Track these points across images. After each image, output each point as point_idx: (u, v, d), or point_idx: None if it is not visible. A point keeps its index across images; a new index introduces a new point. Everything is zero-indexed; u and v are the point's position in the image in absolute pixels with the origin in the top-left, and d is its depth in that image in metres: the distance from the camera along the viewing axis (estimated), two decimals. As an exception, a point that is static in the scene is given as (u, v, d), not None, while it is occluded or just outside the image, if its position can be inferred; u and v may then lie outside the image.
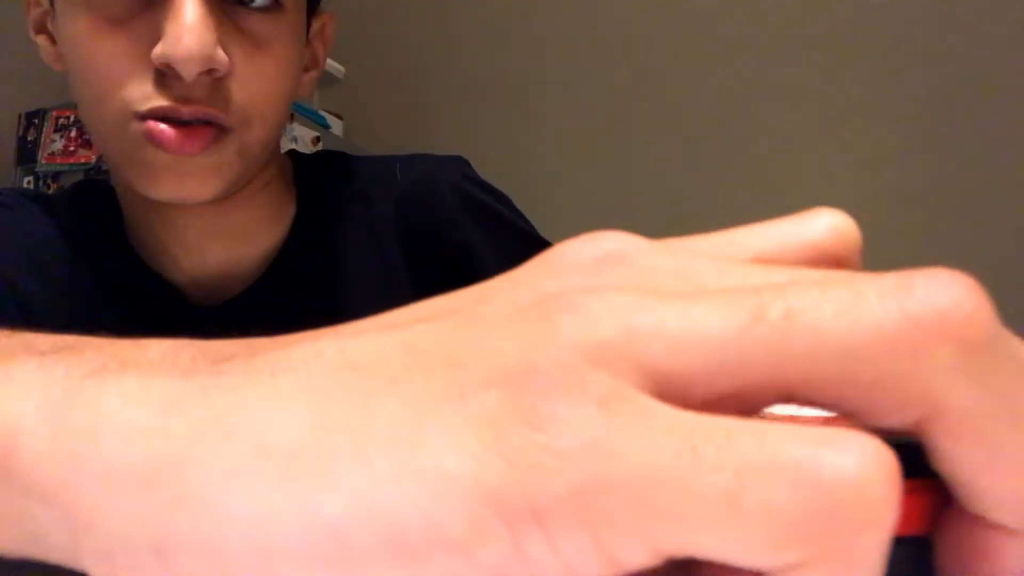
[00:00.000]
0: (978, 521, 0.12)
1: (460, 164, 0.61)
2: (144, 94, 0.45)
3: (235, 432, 0.13)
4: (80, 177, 1.79)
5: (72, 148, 1.88)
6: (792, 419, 0.12)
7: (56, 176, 1.87)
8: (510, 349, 0.12)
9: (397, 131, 2.00)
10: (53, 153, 1.90)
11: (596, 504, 0.11)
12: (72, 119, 1.91)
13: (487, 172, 0.62)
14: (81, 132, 1.89)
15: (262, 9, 0.47)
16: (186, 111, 0.44)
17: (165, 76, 0.44)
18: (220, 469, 0.12)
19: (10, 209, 0.56)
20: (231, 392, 0.13)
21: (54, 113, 1.93)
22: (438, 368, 0.13)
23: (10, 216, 0.55)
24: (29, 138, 1.95)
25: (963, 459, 0.12)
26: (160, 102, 0.44)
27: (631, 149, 1.74)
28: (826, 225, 0.14)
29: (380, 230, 0.57)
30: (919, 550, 0.13)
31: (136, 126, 0.45)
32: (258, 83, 0.47)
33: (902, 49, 1.45)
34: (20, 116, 1.97)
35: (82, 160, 1.85)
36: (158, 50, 0.43)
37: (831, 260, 0.14)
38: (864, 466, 0.10)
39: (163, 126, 0.44)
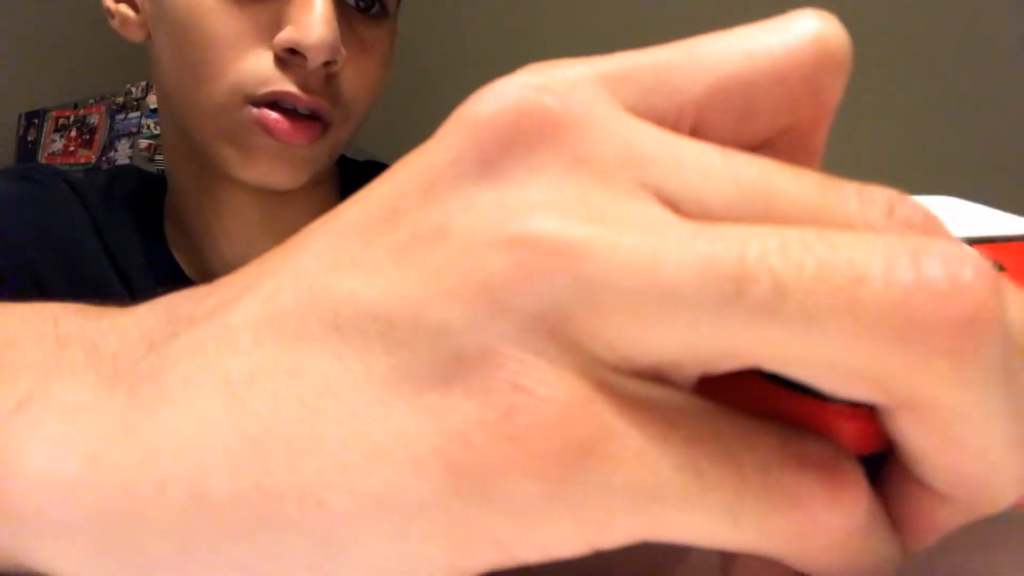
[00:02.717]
0: (915, 480, 0.11)
1: None
2: (262, 77, 0.46)
3: (166, 483, 0.12)
4: (80, 177, 1.78)
5: (72, 148, 1.88)
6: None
7: (56, 176, 1.87)
8: (456, 321, 0.11)
9: (399, 131, 2.00)
10: (53, 153, 1.89)
11: (591, 517, 0.10)
12: (72, 119, 1.90)
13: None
14: (81, 132, 1.89)
15: (372, 16, 0.50)
16: (305, 99, 0.46)
17: (284, 62, 0.46)
18: (172, 534, 0.12)
19: (40, 186, 0.55)
20: (149, 418, 0.12)
21: (54, 113, 1.93)
22: (377, 350, 0.11)
23: (38, 193, 0.55)
24: (29, 138, 1.95)
25: (924, 441, 0.10)
26: (282, 86, 0.46)
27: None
28: (806, 37, 0.12)
29: None
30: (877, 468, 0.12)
31: (247, 111, 0.46)
32: (360, 83, 0.49)
33: (906, 42, 1.45)
34: (20, 116, 1.97)
35: (82, 160, 1.85)
36: (287, 35, 0.44)
37: (809, 88, 0.12)
38: None
39: (276, 115, 0.46)
